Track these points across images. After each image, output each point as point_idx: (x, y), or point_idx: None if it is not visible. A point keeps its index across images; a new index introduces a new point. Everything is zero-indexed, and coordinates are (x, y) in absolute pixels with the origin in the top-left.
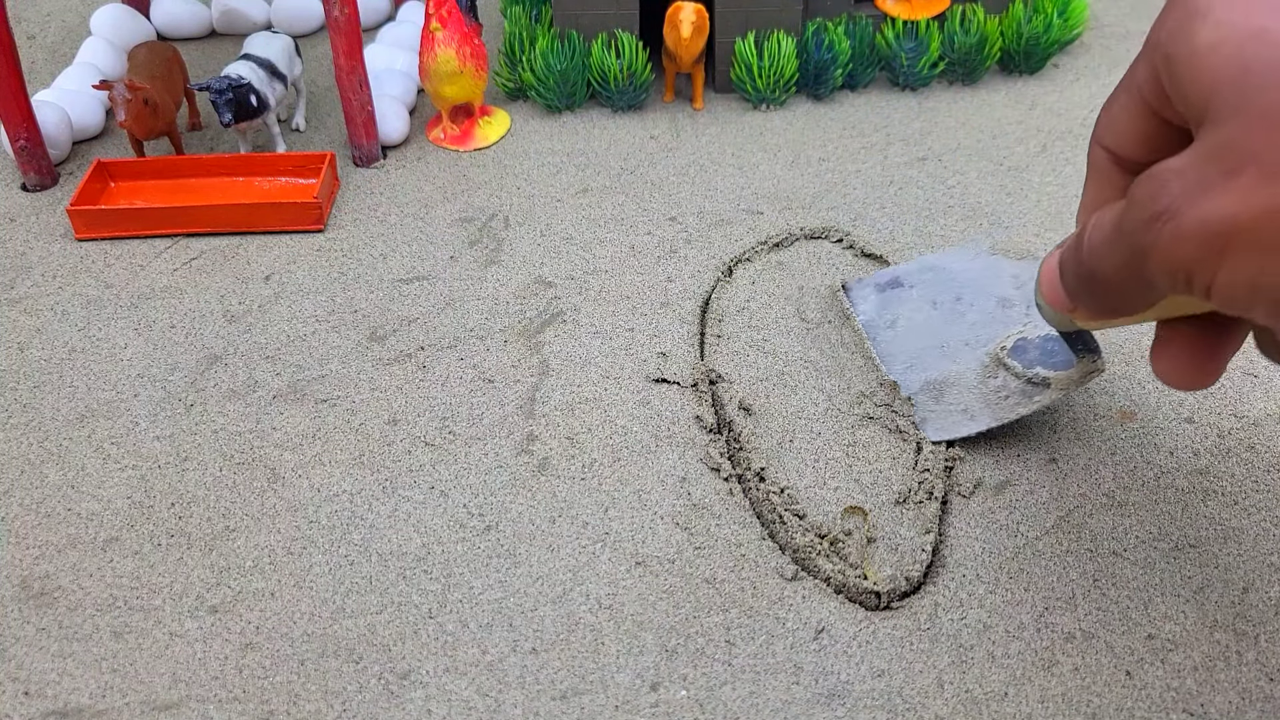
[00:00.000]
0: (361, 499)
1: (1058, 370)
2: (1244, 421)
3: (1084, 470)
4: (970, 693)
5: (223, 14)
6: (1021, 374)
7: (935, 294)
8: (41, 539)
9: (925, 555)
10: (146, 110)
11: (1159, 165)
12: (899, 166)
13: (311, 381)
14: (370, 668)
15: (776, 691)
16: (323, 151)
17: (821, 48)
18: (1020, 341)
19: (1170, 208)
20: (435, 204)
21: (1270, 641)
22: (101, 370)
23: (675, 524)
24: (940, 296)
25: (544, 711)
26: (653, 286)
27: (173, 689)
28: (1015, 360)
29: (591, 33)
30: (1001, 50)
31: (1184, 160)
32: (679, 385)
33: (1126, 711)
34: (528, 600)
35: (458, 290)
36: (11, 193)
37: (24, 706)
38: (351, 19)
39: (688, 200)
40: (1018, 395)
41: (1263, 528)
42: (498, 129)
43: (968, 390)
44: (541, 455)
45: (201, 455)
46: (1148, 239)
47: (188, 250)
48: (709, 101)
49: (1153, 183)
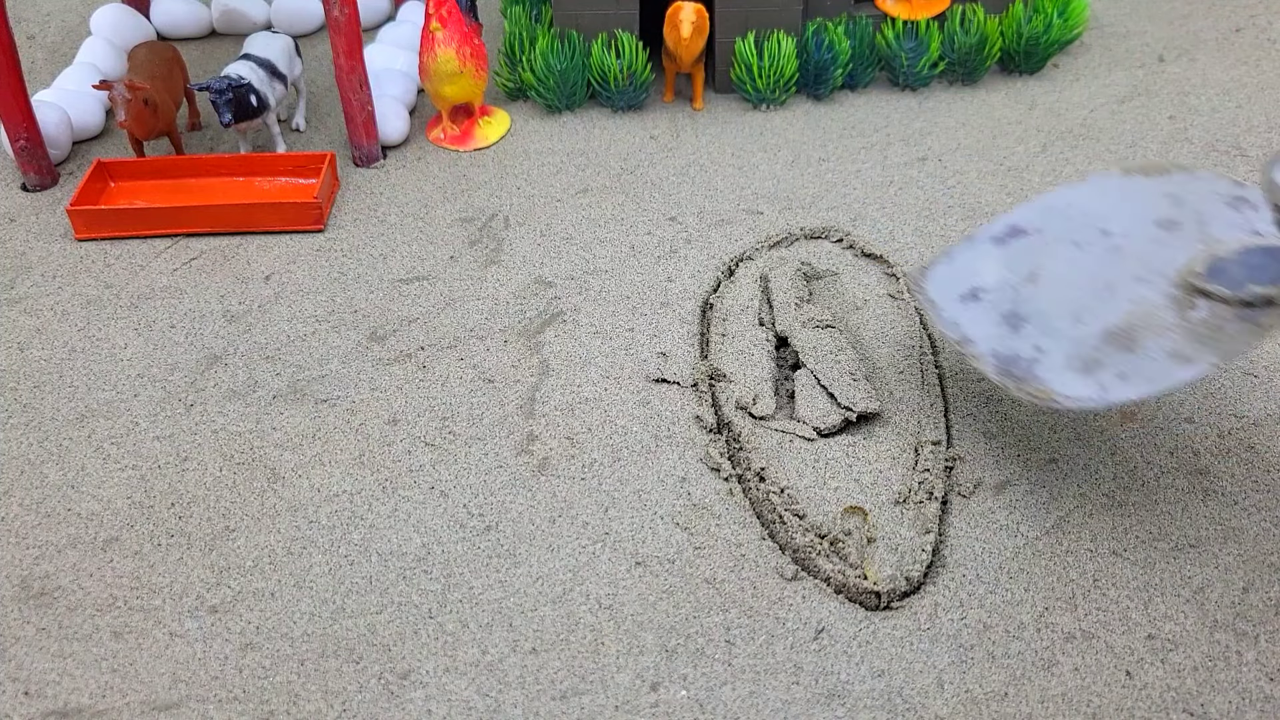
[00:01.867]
0: (361, 499)
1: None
2: (1244, 421)
3: (1084, 470)
4: (970, 693)
5: (223, 14)
6: (1233, 297)
7: (1073, 233)
8: (41, 539)
9: (925, 555)
10: (146, 110)
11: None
12: (899, 166)
13: (311, 381)
14: (370, 668)
15: (776, 691)
16: (323, 151)
17: (821, 48)
18: (1216, 263)
19: None
20: (435, 204)
21: (1270, 641)
22: (101, 370)
23: (675, 524)
24: (1080, 235)
25: (544, 711)
26: (653, 286)
27: (173, 689)
28: (1217, 283)
29: (591, 33)
30: (1001, 50)
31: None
32: (679, 385)
33: (1126, 711)
34: (528, 600)
35: (458, 290)
36: (11, 193)
37: (24, 706)
38: (351, 19)
39: (688, 200)
40: (1237, 323)
41: (1263, 528)
42: (498, 129)
43: (1167, 331)
44: (541, 455)
45: (201, 455)
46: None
47: (188, 250)
48: (709, 101)
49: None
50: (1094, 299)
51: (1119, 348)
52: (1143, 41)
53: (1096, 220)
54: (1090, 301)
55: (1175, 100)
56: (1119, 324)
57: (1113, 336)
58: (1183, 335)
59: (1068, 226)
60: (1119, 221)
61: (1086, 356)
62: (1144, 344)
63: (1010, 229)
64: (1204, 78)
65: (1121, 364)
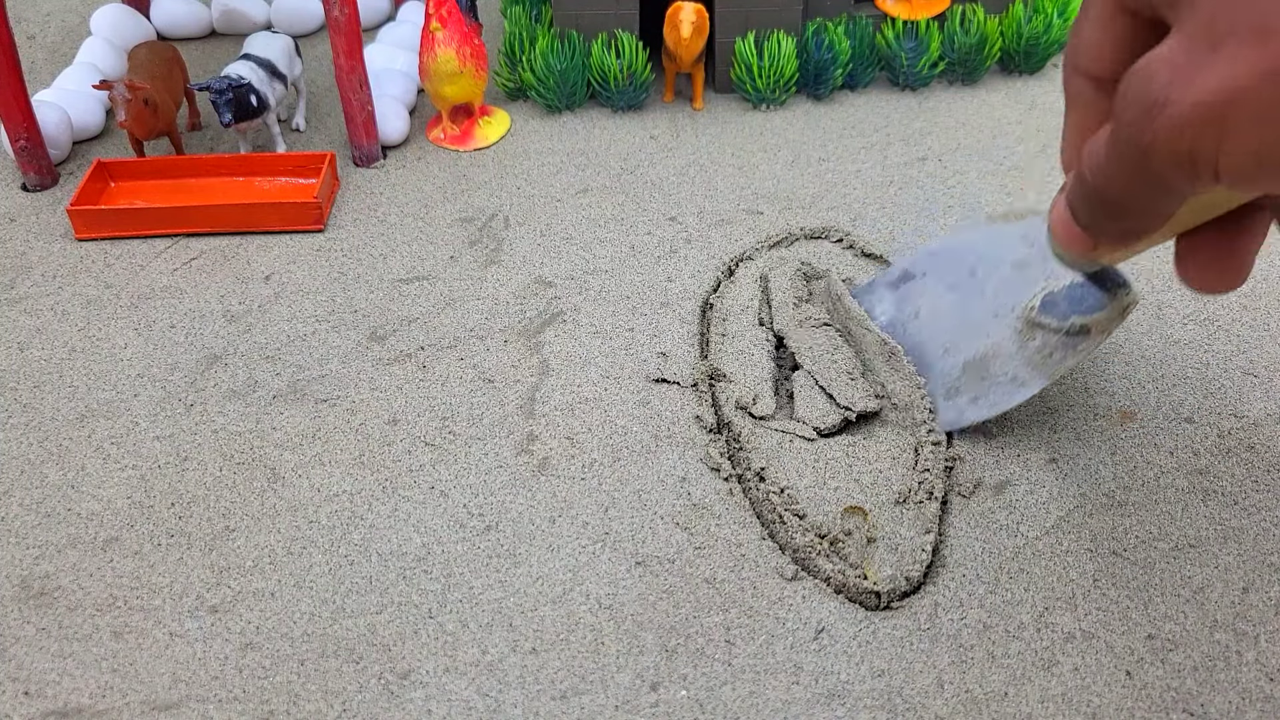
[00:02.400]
0: (361, 499)
1: (1093, 314)
2: (1244, 421)
3: (1084, 470)
4: (970, 693)
5: (223, 14)
6: (1058, 328)
7: (949, 276)
8: (41, 539)
9: (925, 555)
10: (146, 110)
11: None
12: (899, 166)
13: (311, 381)
14: (370, 668)
15: (776, 691)
16: (323, 151)
17: (821, 48)
18: (1048, 298)
19: (1162, 96)
20: (435, 204)
21: (1270, 641)
22: (101, 370)
23: (675, 524)
24: (954, 277)
25: (544, 711)
26: (653, 286)
27: (173, 689)
28: (1048, 316)
29: (591, 33)
30: (1001, 50)
31: (1167, 47)
32: (679, 385)
33: (1126, 711)
34: (528, 600)
35: (458, 290)
36: (11, 193)
37: (24, 706)
38: (351, 19)
39: (688, 200)
40: (1061, 350)
41: (1263, 528)
42: (498, 129)
43: (1009, 359)
44: (541, 455)
45: (201, 455)
46: (1146, 135)
47: (188, 250)
48: (709, 101)
49: (1140, 77)
50: (960, 334)
51: (974, 376)
52: None
53: (967, 263)
54: (957, 336)
55: None
56: (975, 355)
57: (970, 366)
58: (1021, 363)
59: (945, 270)
60: (983, 264)
61: (950, 384)
62: (993, 372)
63: (902, 274)
64: None
65: (975, 390)
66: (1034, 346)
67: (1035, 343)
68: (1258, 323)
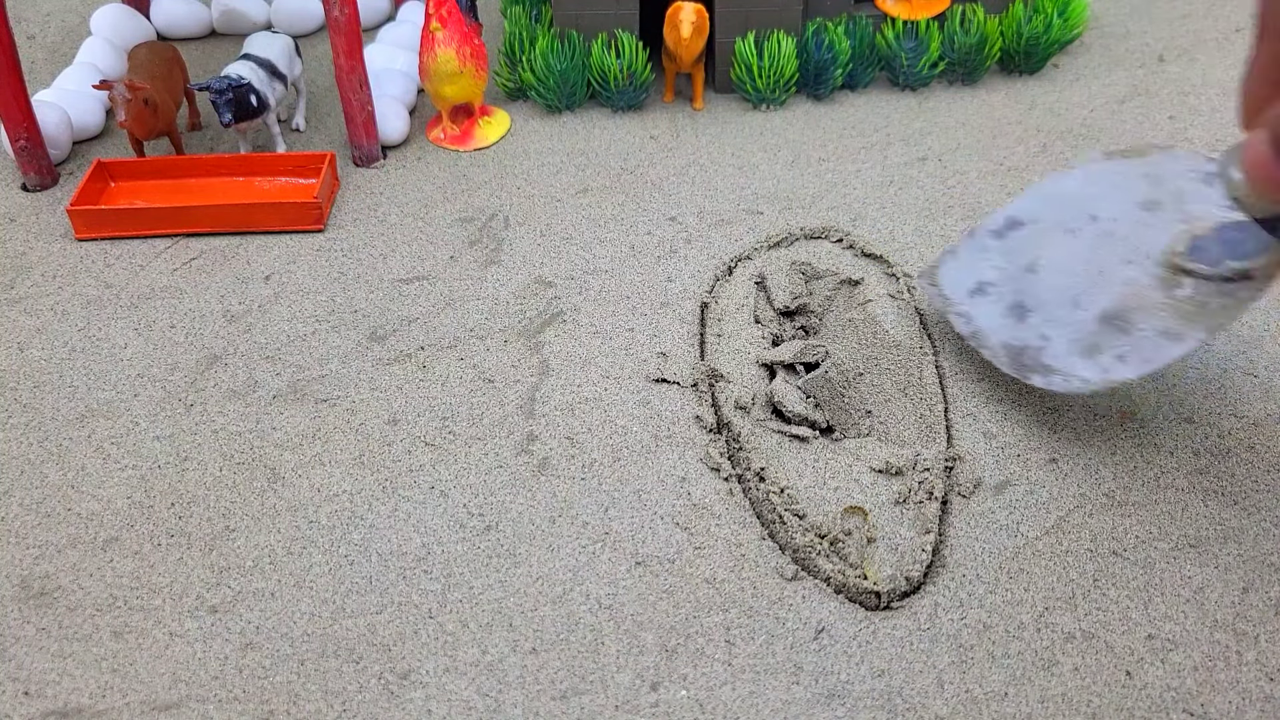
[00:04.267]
0: (361, 499)
1: (1254, 258)
2: (1244, 421)
3: (1084, 470)
4: (970, 693)
5: (223, 14)
6: (1213, 274)
7: (1066, 220)
8: (41, 539)
9: (925, 555)
10: (146, 110)
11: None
12: (899, 166)
13: (311, 381)
14: (370, 668)
15: (776, 691)
16: (323, 151)
17: (821, 48)
18: (1197, 241)
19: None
20: (435, 204)
21: (1270, 641)
22: (101, 370)
23: (675, 524)
24: (1073, 221)
25: (544, 711)
26: (653, 286)
27: (173, 689)
28: (1198, 262)
29: (591, 33)
30: (1001, 50)
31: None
32: (679, 385)
33: (1126, 711)
34: (528, 600)
35: (458, 290)
36: (11, 193)
37: (24, 706)
38: (351, 19)
39: (688, 200)
40: (1219, 298)
41: (1263, 528)
42: (498, 129)
43: (1155, 310)
44: (541, 455)
45: (201, 455)
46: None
47: (188, 250)
48: (709, 101)
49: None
50: (1089, 284)
51: (1115, 330)
52: (1143, 41)
53: (1085, 206)
54: (1086, 287)
55: (1175, 100)
56: (1113, 307)
57: (1109, 319)
58: (1171, 313)
59: (1060, 214)
60: (1106, 206)
61: (1087, 341)
62: (1137, 325)
63: (1008, 221)
64: (1204, 78)
65: (1119, 345)
66: (1183, 295)
67: (1185, 291)
68: (1258, 323)
